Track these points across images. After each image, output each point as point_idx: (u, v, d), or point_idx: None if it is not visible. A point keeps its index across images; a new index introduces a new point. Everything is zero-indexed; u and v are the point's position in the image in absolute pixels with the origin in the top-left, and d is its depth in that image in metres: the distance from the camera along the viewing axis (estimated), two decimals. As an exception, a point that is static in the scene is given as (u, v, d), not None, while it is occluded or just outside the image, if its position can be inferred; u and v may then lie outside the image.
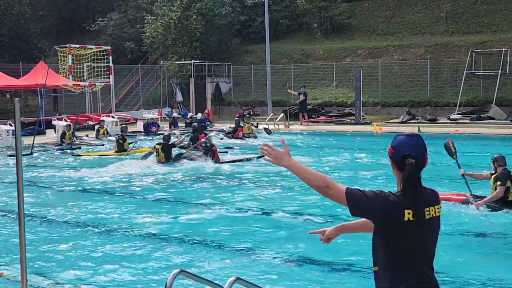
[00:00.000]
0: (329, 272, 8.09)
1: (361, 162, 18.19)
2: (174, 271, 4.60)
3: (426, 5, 41.57)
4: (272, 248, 9.09)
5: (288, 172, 13.87)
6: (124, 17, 47.70)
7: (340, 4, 42.04)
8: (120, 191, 14.01)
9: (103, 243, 9.54)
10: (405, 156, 3.53)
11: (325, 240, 4.18)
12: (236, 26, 43.25)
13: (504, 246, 9.33)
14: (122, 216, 11.44)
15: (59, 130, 26.18)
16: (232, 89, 40.14)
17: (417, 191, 3.50)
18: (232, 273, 7.63)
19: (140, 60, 43.48)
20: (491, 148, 20.55)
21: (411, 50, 37.16)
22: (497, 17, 38.02)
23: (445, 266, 7.71)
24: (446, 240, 8.92)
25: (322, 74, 37.68)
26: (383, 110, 33.58)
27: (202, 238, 9.75)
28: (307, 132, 27.87)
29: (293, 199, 12.73)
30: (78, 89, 25.75)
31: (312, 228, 10.18)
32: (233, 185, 14.73)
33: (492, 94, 30.51)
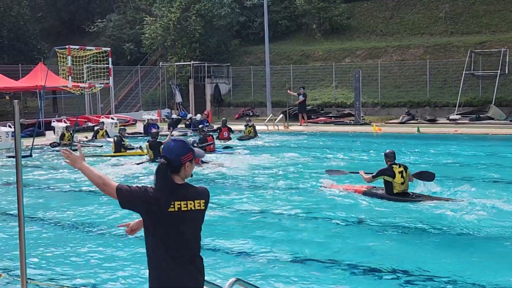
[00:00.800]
0: (328, 272, 8.09)
1: (359, 163, 18.19)
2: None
3: (425, 5, 41.61)
4: (271, 248, 9.09)
5: (285, 172, 13.88)
6: (123, 18, 47.71)
7: (339, 4, 42.09)
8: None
9: (103, 244, 9.55)
10: (161, 157, 4.30)
11: (129, 232, 4.62)
12: (236, 27, 43.27)
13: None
14: (121, 217, 11.43)
15: (58, 131, 26.18)
16: (232, 90, 40.15)
17: (168, 186, 4.18)
18: (231, 274, 7.64)
19: (139, 61, 43.49)
20: (490, 149, 20.60)
21: (410, 50, 37.18)
22: (496, 18, 38.06)
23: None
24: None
25: (321, 75, 37.69)
26: (383, 110, 33.59)
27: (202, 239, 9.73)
28: (307, 133, 27.88)
29: (291, 199, 12.71)
30: (78, 91, 25.75)
31: (310, 228, 10.22)
32: (229, 185, 14.72)
33: (491, 94, 30.52)
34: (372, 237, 9.65)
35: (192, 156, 4.33)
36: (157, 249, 4.19)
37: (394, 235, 9.85)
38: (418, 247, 9.20)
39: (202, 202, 4.28)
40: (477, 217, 10.49)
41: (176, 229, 4.17)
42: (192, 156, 4.34)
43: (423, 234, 9.85)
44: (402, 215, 10.98)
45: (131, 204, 4.22)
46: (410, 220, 10.58)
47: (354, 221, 10.72)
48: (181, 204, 4.17)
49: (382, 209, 11.53)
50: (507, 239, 9.42)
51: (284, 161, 18.25)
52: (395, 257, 8.58)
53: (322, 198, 12.63)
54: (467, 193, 12.37)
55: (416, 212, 11.18)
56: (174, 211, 4.14)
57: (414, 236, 9.79)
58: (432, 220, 10.55)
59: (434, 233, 9.84)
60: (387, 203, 11.90)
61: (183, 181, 4.31)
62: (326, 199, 12.58)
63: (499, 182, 14.14)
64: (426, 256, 8.68)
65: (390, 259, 8.40)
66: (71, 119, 29.38)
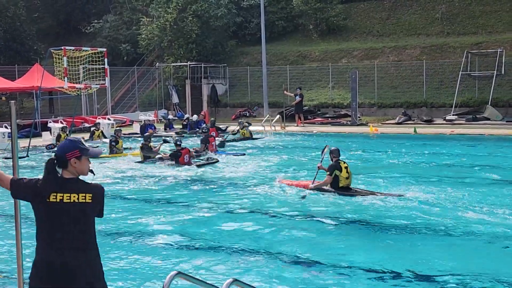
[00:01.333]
0: (325, 273, 8.09)
1: (356, 163, 18.20)
2: (171, 273, 4.61)
3: (422, 6, 41.65)
4: (268, 249, 9.09)
5: (278, 173, 13.84)
6: (120, 19, 47.64)
7: (335, 5, 42.10)
8: (112, 193, 13.98)
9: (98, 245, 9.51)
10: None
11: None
12: (232, 28, 43.25)
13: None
14: (116, 219, 11.43)
15: (55, 132, 26.11)
16: (228, 91, 40.14)
17: (50, 178, 4.59)
18: (229, 275, 7.63)
19: (136, 62, 43.45)
20: (486, 149, 20.63)
21: (407, 51, 37.22)
22: (492, 18, 38.11)
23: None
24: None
25: (318, 76, 37.71)
26: (379, 111, 33.62)
27: (198, 240, 9.74)
28: (303, 134, 27.88)
29: (287, 199, 12.72)
30: (74, 91, 25.73)
31: (306, 227, 10.22)
32: (225, 185, 14.71)
33: (487, 95, 30.56)
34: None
35: (78, 154, 4.64)
36: (39, 236, 4.64)
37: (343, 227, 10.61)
38: (356, 238, 9.93)
39: (88, 196, 4.58)
40: (408, 211, 11.32)
41: (58, 219, 4.54)
42: (79, 154, 4.65)
43: (355, 224, 10.70)
44: (345, 207, 11.86)
45: (20, 194, 4.69)
46: (346, 212, 11.48)
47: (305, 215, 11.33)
48: (63, 196, 4.53)
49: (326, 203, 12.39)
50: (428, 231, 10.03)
51: (279, 162, 18.26)
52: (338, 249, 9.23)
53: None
54: (414, 190, 13.12)
55: (355, 204, 12.09)
56: (55, 201, 4.52)
57: (347, 226, 10.64)
58: (366, 211, 11.46)
59: (365, 224, 10.66)
60: (333, 196, 12.80)
61: (74, 176, 4.66)
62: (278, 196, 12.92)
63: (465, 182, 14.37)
64: (362, 246, 9.29)
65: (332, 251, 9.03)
66: (67, 119, 29.34)
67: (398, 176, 15.18)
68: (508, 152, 19.62)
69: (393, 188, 13.45)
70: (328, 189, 13.07)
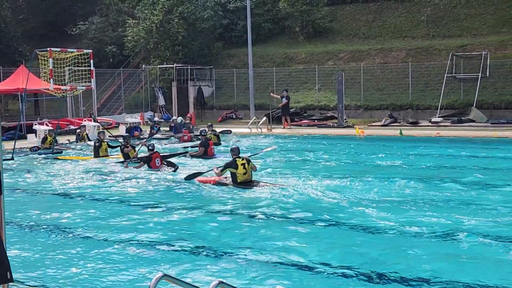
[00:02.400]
0: (312, 274, 8.09)
1: (342, 165, 18.25)
2: (157, 275, 4.60)
3: (407, 9, 41.88)
4: (254, 250, 9.08)
5: (262, 173, 13.82)
6: (106, 20, 47.50)
7: (322, 8, 42.22)
8: (99, 196, 13.91)
9: (85, 248, 9.48)
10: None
11: None
12: (219, 30, 43.25)
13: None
14: (103, 221, 11.38)
15: (40, 134, 25.95)
16: (215, 93, 40.12)
17: None
18: (214, 276, 7.62)
19: (122, 64, 43.32)
20: (471, 151, 20.74)
21: (393, 53, 37.39)
22: (477, 21, 38.39)
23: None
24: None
25: (304, 78, 37.79)
26: (365, 113, 33.73)
27: (184, 242, 9.71)
28: (290, 136, 27.91)
29: (273, 200, 12.71)
30: (59, 93, 25.60)
31: (292, 227, 10.23)
32: (209, 188, 14.68)
33: (472, 97, 30.76)
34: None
35: None
36: None
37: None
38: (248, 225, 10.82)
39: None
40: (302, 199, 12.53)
41: None
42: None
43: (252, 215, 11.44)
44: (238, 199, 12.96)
45: None
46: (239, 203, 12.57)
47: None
48: None
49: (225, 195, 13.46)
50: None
51: (267, 163, 18.27)
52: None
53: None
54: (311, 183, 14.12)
55: (252, 197, 13.10)
56: None
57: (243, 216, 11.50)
58: (261, 202, 12.47)
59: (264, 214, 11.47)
60: (233, 190, 13.88)
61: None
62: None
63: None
64: (252, 233, 10.25)
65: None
66: (53, 122, 29.18)
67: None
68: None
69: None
70: (229, 183, 14.30)
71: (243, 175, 13.96)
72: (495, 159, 18.40)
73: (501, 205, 11.59)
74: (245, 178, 14.02)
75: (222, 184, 14.46)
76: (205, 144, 19.95)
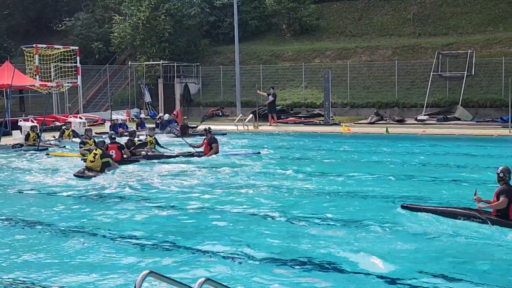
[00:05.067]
0: (297, 270, 8.11)
1: (327, 162, 18.30)
2: (143, 272, 4.58)
3: (394, 7, 42.02)
4: (240, 248, 9.08)
5: (250, 171, 13.87)
6: (92, 17, 47.22)
7: (308, 5, 42.25)
8: (83, 193, 13.85)
9: (70, 246, 9.44)
10: None
11: None
12: (205, 27, 43.17)
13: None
14: (88, 218, 11.34)
15: (25, 131, 25.76)
16: (201, 90, 40.05)
17: None
18: (201, 274, 7.62)
19: (108, 60, 43.10)
20: (457, 149, 20.87)
21: (379, 51, 37.50)
22: (463, 20, 38.59)
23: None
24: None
25: (291, 75, 37.81)
26: (352, 111, 33.82)
27: (170, 239, 9.71)
28: (276, 133, 27.93)
29: (259, 198, 12.72)
30: (45, 90, 25.43)
31: (278, 225, 10.25)
32: (195, 184, 14.67)
33: (458, 95, 30.93)
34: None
35: None
36: None
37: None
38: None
39: None
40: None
41: None
42: None
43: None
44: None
45: None
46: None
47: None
48: None
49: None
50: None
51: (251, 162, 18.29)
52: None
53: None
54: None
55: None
56: None
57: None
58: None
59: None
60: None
61: None
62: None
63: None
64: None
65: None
66: (38, 118, 28.98)
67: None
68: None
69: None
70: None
71: (90, 162, 15.81)
72: (477, 157, 18.56)
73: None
74: (90, 166, 15.80)
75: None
76: (214, 140, 19.40)
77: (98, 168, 15.92)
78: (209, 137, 19.46)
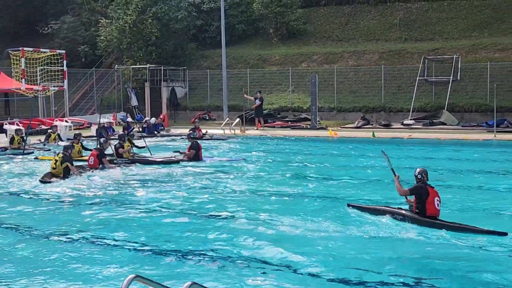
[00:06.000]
0: (279, 274, 8.12)
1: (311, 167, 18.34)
2: (129, 276, 4.57)
3: (380, 12, 42.23)
4: (226, 251, 9.08)
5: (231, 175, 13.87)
6: (78, 20, 47.05)
7: (296, 10, 42.36)
8: (68, 198, 13.78)
9: (55, 250, 9.38)
10: None
11: None
12: (192, 31, 43.14)
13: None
14: (59, 220, 11.32)
15: (10, 134, 25.60)
16: (188, 94, 40.01)
17: None
18: (187, 278, 7.60)
19: (94, 63, 42.95)
20: (443, 153, 20.98)
21: (366, 56, 37.66)
22: (449, 25, 38.86)
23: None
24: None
25: (278, 79, 37.87)
26: (339, 115, 33.93)
27: (156, 243, 9.68)
28: (263, 137, 27.95)
29: (246, 202, 12.74)
30: (31, 93, 25.34)
31: (257, 227, 10.26)
32: (177, 187, 14.65)
33: (444, 100, 31.13)
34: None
35: None
36: None
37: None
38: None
39: None
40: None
41: None
42: None
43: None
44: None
45: None
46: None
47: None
48: None
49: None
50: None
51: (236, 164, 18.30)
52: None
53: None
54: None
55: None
56: None
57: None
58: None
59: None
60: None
61: None
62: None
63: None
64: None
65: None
66: (24, 122, 28.82)
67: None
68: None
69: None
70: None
71: (53, 169, 15.70)
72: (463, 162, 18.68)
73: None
74: (56, 172, 15.66)
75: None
76: (194, 147, 19.55)
77: (61, 174, 15.66)
78: (192, 142, 19.54)
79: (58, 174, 15.78)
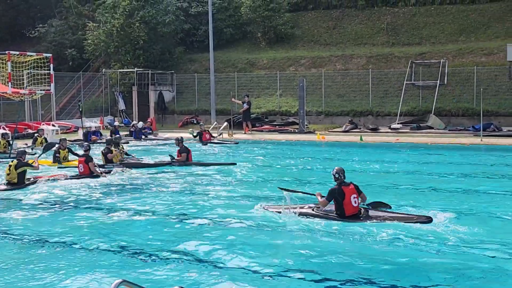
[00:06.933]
0: (269, 277, 8.11)
1: (302, 169, 18.35)
2: (116, 281, 4.54)
3: (368, 16, 42.39)
4: (213, 255, 9.06)
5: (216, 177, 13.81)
6: (65, 23, 46.87)
7: (283, 14, 42.44)
8: (54, 202, 13.69)
9: (41, 256, 9.32)
10: None
11: None
12: (180, 35, 43.10)
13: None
14: (44, 225, 11.25)
15: (-4, 138, 25.40)
16: (176, 98, 39.95)
17: None
18: (174, 283, 7.57)
19: (82, 67, 42.81)
20: (430, 157, 21.07)
21: (353, 60, 37.77)
22: (436, 29, 39.07)
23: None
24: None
25: (266, 83, 37.90)
26: (327, 119, 33.99)
27: (143, 248, 9.63)
28: (251, 141, 27.93)
29: (229, 205, 12.71)
30: (18, 97, 25.19)
31: (245, 231, 10.25)
32: (164, 192, 14.63)
33: (431, 104, 31.28)
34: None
35: None
36: None
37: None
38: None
39: None
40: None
41: None
42: None
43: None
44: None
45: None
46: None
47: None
48: None
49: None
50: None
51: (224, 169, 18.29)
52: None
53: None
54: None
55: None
56: None
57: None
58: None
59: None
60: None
61: None
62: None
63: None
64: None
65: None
66: (10, 125, 28.66)
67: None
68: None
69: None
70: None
71: (7, 176, 15.22)
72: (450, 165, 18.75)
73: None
74: (9, 178, 15.19)
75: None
76: (183, 150, 19.52)
77: (15, 180, 15.33)
78: (181, 146, 19.52)
79: (12, 180, 15.47)
